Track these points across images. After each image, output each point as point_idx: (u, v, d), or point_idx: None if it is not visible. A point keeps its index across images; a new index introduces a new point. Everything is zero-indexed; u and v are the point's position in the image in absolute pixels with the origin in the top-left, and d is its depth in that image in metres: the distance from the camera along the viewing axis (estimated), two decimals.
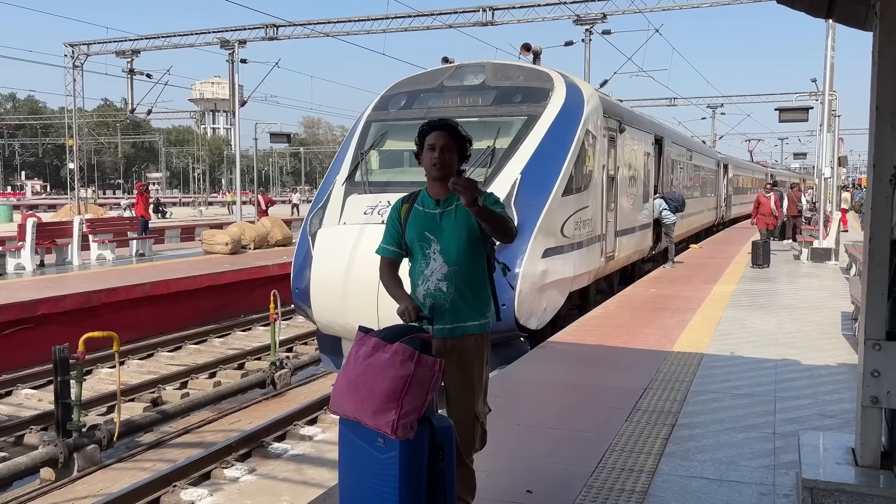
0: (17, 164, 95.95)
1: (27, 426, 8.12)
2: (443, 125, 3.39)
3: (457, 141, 3.37)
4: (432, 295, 3.34)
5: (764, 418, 5.28)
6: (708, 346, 7.61)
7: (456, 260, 3.34)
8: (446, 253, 3.35)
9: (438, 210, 3.40)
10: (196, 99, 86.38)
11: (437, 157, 3.32)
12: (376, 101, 10.40)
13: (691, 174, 20.80)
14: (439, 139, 3.34)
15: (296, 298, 8.73)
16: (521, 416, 5.39)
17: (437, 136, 3.35)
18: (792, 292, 11.62)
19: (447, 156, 3.33)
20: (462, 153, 3.41)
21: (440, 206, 3.41)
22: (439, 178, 3.37)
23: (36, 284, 13.09)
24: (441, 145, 3.33)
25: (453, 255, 3.34)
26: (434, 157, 3.33)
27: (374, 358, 2.92)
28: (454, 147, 3.36)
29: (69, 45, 30.67)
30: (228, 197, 51.44)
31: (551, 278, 8.54)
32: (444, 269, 3.34)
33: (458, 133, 3.39)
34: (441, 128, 3.37)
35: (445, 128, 3.37)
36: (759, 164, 52.53)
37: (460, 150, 3.40)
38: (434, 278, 3.35)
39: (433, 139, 3.35)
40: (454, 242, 3.35)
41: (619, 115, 11.96)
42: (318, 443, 7.84)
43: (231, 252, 18.42)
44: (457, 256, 3.34)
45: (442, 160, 3.32)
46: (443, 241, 3.36)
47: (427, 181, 3.45)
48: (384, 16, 25.05)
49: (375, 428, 2.84)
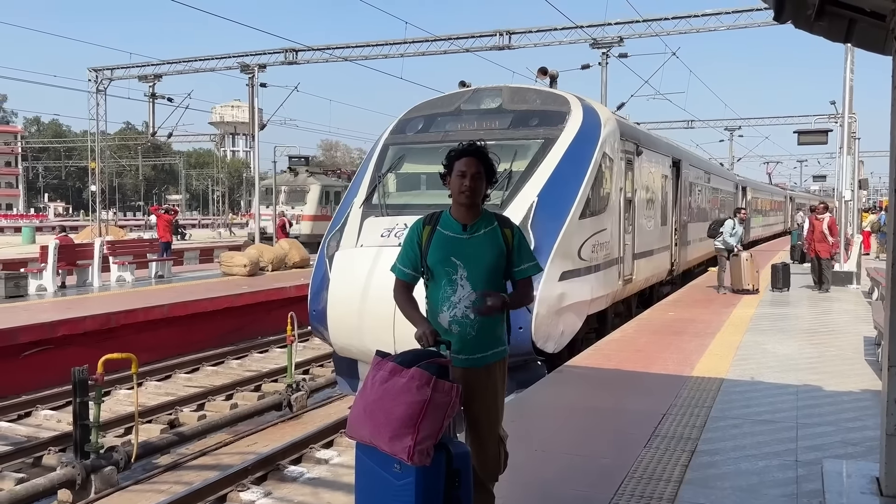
0: (40, 187, 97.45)
1: (46, 447, 8.16)
2: (474, 151, 3.37)
3: (486, 167, 3.37)
4: (459, 322, 3.30)
5: (786, 445, 5.20)
6: (727, 371, 7.51)
7: (483, 286, 3.31)
8: (473, 280, 3.31)
9: (465, 235, 3.36)
10: (216, 122, 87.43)
11: (468, 184, 3.31)
12: (394, 124, 10.47)
13: (709, 197, 20.69)
14: (470, 166, 3.32)
15: (313, 320, 8.74)
16: (538, 441, 5.35)
17: (468, 162, 3.33)
18: (813, 316, 11.48)
19: (477, 184, 3.33)
20: (490, 179, 3.40)
21: (467, 232, 3.37)
22: (467, 205, 3.36)
23: (56, 306, 13.22)
24: (472, 173, 3.32)
25: (481, 282, 3.31)
26: (465, 184, 3.31)
27: (390, 383, 2.90)
28: (483, 174, 3.35)
29: (93, 70, 31.21)
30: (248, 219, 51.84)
31: (568, 301, 8.50)
32: (472, 297, 3.30)
33: (489, 160, 3.39)
34: (472, 154, 3.35)
35: (476, 154, 3.36)
36: (777, 186, 52.19)
37: (489, 176, 3.39)
38: (462, 305, 3.31)
39: (464, 166, 3.32)
40: (482, 269, 3.32)
41: (636, 137, 11.96)
42: (334, 466, 7.80)
43: (249, 274, 18.52)
44: (484, 284, 3.31)
45: (472, 188, 3.31)
46: (470, 267, 3.32)
47: (452, 204, 3.42)
48: (402, 40, 25.30)
49: (392, 453, 2.83)
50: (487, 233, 3.36)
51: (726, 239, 14.03)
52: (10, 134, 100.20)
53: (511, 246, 3.39)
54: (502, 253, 3.35)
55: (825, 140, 23.13)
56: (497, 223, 3.42)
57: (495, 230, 3.39)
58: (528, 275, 3.43)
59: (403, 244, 3.48)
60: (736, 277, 13.99)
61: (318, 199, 31.39)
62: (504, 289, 3.42)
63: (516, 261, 3.40)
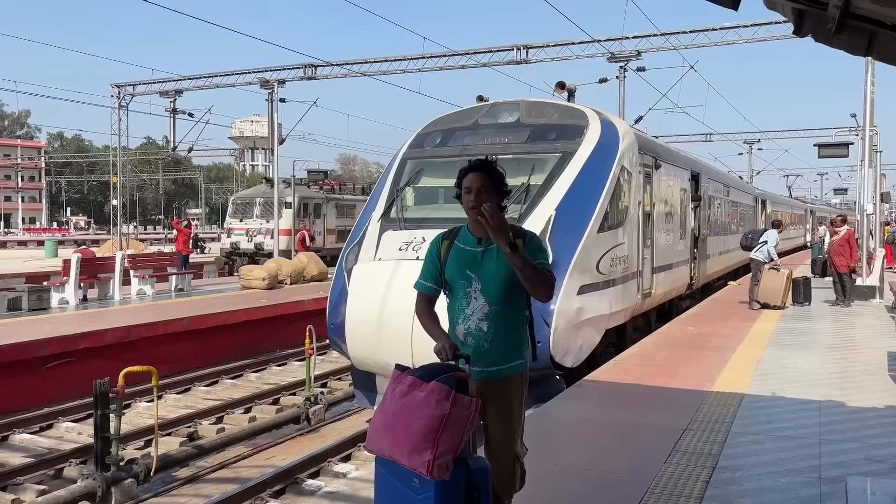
0: (63, 201, 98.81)
1: (67, 459, 8.23)
2: (477, 166, 3.39)
3: (493, 180, 3.37)
4: (473, 334, 3.31)
5: (808, 462, 5.13)
6: (748, 386, 7.44)
7: (496, 300, 3.31)
8: (487, 292, 3.32)
9: (480, 248, 3.38)
10: (236, 137, 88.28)
11: (473, 199, 3.32)
12: (412, 138, 10.52)
13: (729, 210, 20.57)
14: (475, 181, 3.34)
15: (331, 334, 8.77)
16: (557, 457, 5.32)
17: (473, 178, 3.35)
18: (835, 331, 11.35)
19: (483, 197, 3.33)
20: (500, 192, 3.40)
21: (482, 245, 3.39)
22: (476, 220, 3.36)
23: (78, 319, 13.36)
24: (476, 187, 3.33)
25: (494, 294, 3.31)
26: (470, 199, 3.33)
27: (409, 397, 2.91)
28: (490, 187, 3.35)
29: (116, 86, 31.69)
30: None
31: (587, 315, 8.47)
32: (485, 309, 3.31)
33: (495, 172, 3.39)
34: (476, 169, 3.37)
35: (480, 168, 3.38)
36: (797, 199, 51.76)
37: (498, 189, 3.38)
38: (475, 318, 3.32)
39: (469, 182, 3.36)
40: (495, 282, 3.32)
41: (654, 151, 11.93)
42: (352, 480, 7.77)
43: (268, 287, 18.62)
44: (497, 296, 3.31)
45: (478, 202, 3.31)
46: (483, 280, 3.33)
47: (468, 220, 3.46)
48: (420, 55, 25.46)
49: (411, 468, 2.83)
50: None
51: (770, 250, 13.72)
52: (34, 149, 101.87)
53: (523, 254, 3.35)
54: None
55: (846, 153, 22.92)
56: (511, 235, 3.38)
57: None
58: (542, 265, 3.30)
59: (425, 259, 3.53)
60: (773, 293, 13.51)
61: (294, 212, 28.75)
62: (521, 303, 3.40)
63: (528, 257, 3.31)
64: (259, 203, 29.02)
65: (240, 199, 30.68)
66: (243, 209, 29.59)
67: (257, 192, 30.51)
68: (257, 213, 28.77)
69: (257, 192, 30.73)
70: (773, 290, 13.56)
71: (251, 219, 28.82)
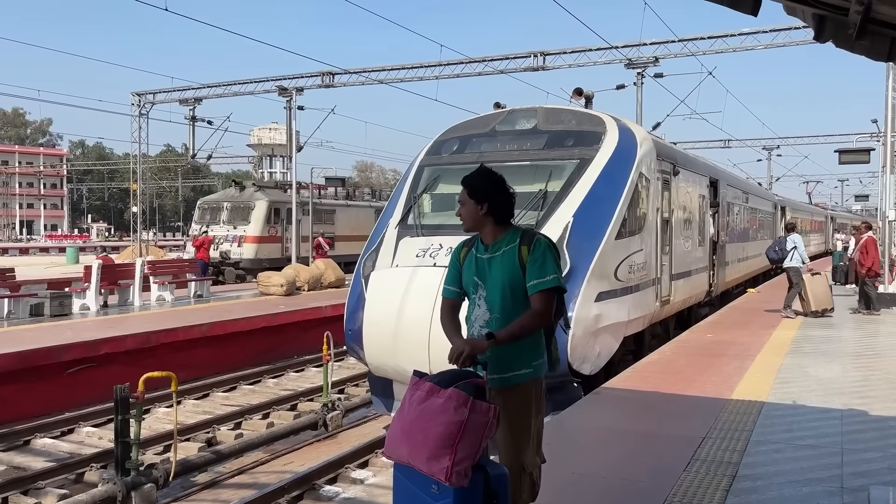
0: (84, 208, 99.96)
1: (88, 463, 8.30)
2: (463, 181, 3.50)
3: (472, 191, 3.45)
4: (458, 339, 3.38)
5: (830, 471, 5.07)
6: (768, 394, 7.37)
7: (498, 307, 3.32)
8: (490, 300, 3.37)
9: (487, 255, 3.43)
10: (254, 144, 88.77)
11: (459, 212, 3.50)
12: (429, 145, 10.55)
13: (748, 217, 20.42)
14: (461, 195, 3.50)
15: (348, 340, 8.79)
16: (575, 464, 5.29)
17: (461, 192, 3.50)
18: (856, 339, 11.21)
19: (462, 210, 3.48)
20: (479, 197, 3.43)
21: (489, 252, 3.43)
22: (466, 230, 3.53)
23: (99, 325, 13.50)
24: (460, 199, 3.50)
25: (496, 301, 3.35)
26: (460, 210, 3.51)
27: (428, 403, 2.92)
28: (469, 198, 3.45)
29: (136, 95, 32.04)
30: None
31: (605, 322, 8.43)
32: (486, 316, 3.36)
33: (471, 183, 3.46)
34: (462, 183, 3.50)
35: (463, 182, 3.50)
36: (818, 206, 51.27)
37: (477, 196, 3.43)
38: (477, 325, 3.38)
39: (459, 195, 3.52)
40: (497, 289, 3.35)
41: (672, 157, 11.88)
42: (369, 487, 7.81)
43: (286, 293, 18.73)
44: (498, 304, 3.33)
45: (461, 214, 3.50)
46: (488, 287, 3.38)
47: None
48: (437, 62, 25.54)
49: (429, 474, 2.83)
50: (507, 251, 3.37)
51: (802, 254, 13.43)
52: (56, 157, 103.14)
53: (525, 262, 3.33)
54: (516, 271, 3.31)
55: (867, 159, 22.72)
56: (518, 241, 3.38)
57: (514, 248, 3.37)
58: (538, 290, 3.27)
59: (448, 265, 3.65)
60: (824, 298, 13.29)
61: (263, 218, 26.43)
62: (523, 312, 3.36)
63: (528, 275, 3.30)
64: (226, 208, 26.96)
65: (206, 203, 28.27)
66: (210, 215, 27.33)
67: (225, 197, 28.46)
68: (224, 219, 26.59)
69: (225, 196, 28.72)
70: (822, 294, 13.36)
71: (218, 225, 26.56)
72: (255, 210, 26.49)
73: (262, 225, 26.32)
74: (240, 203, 26.89)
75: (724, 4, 3.24)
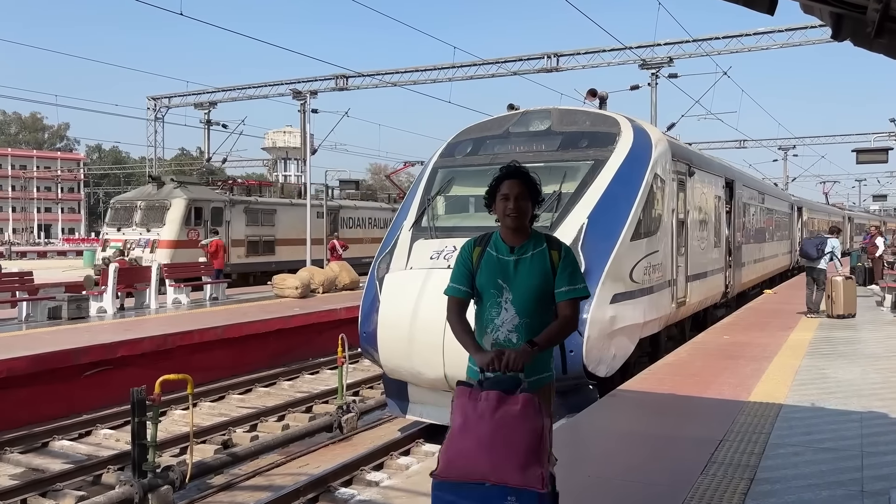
0: (101, 212, 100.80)
1: (105, 465, 8.36)
2: (515, 173, 3.34)
3: (529, 188, 3.33)
4: (501, 345, 3.24)
5: (850, 474, 5.01)
6: (786, 397, 7.30)
7: (528, 311, 3.25)
8: (518, 303, 3.26)
9: (513, 257, 3.31)
10: (269, 147, 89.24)
11: (512, 207, 3.27)
12: (443, 147, 10.55)
13: (764, 217, 20.28)
14: (513, 188, 3.28)
15: (363, 342, 8.80)
16: (591, 467, 5.26)
17: (511, 185, 3.29)
18: (876, 341, 11.09)
19: (522, 204, 3.28)
20: (535, 199, 3.36)
21: (515, 254, 3.32)
22: (513, 227, 3.32)
23: (116, 327, 13.59)
24: (515, 194, 3.27)
25: (525, 305, 3.26)
26: (509, 206, 3.28)
27: (502, 412, 2.82)
28: (527, 195, 3.31)
29: (152, 99, 32.32)
30: None
31: (620, 324, 8.39)
32: (515, 321, 3.25)
33: (532, 181, 3.35)
34: (514, 176, 3.32)
35: (518, 176, 3.32)
36: (835, 206, 50.81)
37: (533, 197, 3.34)
38: (505, 329, 3.26)
39: (507, 188, 3.29)
40: (527, 293, 3.26)
41: (688, 158, 11.81)
42: (384, 489, 7.77)
43: (301, 296, 18.78)
44: (528, 308, 3.26)
45: (517, 209, 3.27)
46: (515, 290, 3.27)
47: (500, 227, 3.40)
48: (450, 64, 25.59)
49: (523, 485, 2.76)
50: (535, 255, 3.30)
51: (837, 260, 13.45)
52: (73, 161, 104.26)
53: (556, 267, 3.31)
54: (548, 276, 3.28)
55: (885, 158, 22.50)
56: (546, 245, 3.35)
57: (543, 252, 3.32)
58: (569, 297, 3.29)
59: (456, 264, 3.43)
60: (851, 302, 13.40)
61: (181, 219, 22.74)
62: (551, 316, 3.33)
63: (558, 282, 3.30)
64: (140, 208, 23.31)
65: (119, 202, 24.62)
66: (123, 216, 23.72)
67: (140, 195, 24.62)
68: (137, 221, 23.07)
69: (140, 194, 24.86)
70: (850, 299, 13.42)
71: (130, 227, 23.09)
72: (170, 210, 22.74)
73: (179, 227, 22.60)
74: (155, 202, 23.23)
75: (739, 4, 3.21)
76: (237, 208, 24.78)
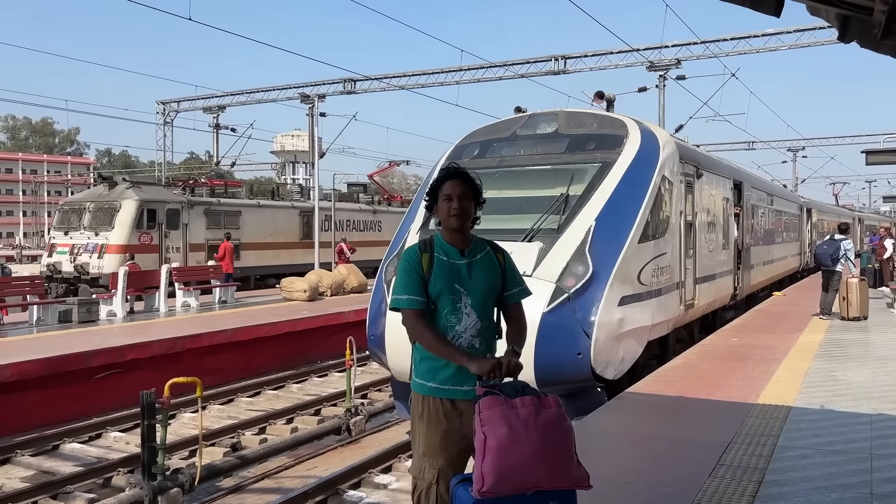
0: None
1: (115, 468, 8.41)
2: (457, 174, 3.31)
3: (472, 188, 3.30)
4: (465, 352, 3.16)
5: (859, 477, 4.99)
6: (795, 399, 7.27)
7: (486, 314, 3.26)
8: (478, 307, 3.22)
9: (465, 261, 3.28)
10: (277, 151, 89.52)
11: (456, 206, 3.24)
12: (450, 150, 10.56)
13: (773, 219, 20.20)
14: (455, 188, 3.25)
15: (371, 345, 8.82)
16: (599, 470, 5.25)
17: (453, 185, 3.26)
18: (886, 343, 11.03)
19: (465, 204, 3.26)
20: (477, 200, 3.33)
21: (466, 257, 3.29)
22: (457, 228, 3.28)
23: (126, 331, 13.67)
24: (458, 194, 3.24)
25: (484, 308, 3.25)
26: (453, 206, 3.24)
27: (543, 417, 2.82)
28: (470, 195, 3.28)
29: (161, 103, 32.47)
30: None
31: (628, 327, 8.38)
32: (477, 325, 3.21)
33: (473, 181, 3.33)
34: (456, 176, 3.30)
35: (460, 176, 3.30)
36: (845, 207, 50.56)
37: (475, 198, 3.32)
38: (468, 334, 3.20)
39: (449, 188, 3.26)
40: (484, 296, 3.25)
41: (695, 160, 11.78)
42: (392, 491, 7.81)
43: (309, 299, 18.84)
44: (486, 310, 3.27)
45: (461, 209, 3.24)
46: (473, 294, 3.23)
47: (443, 230, 3.34)
48: (458, 67, 25.62)
49: (573, 486, 2.83)
50: (484, 257, 3.31)
51: (851, 262, 13.36)
52: (84, 165, 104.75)
53: (504, 270, 3.34)
54: (499, 277, 3.30)
55: (895, 160, 22.32)
56: (489, 248, 3.38)
57: (490, 255, 3.35)
58: (520, 298, 3.36)
59: (403, 273, 3.27)
60: (864, 305, 13.33)
61: (132, 222, 20.91)
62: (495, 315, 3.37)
63: (509, 284, 3.33)
64: (89, 210, 21.49)
65: (68, 204, 22.80)
66: (71, 218, 21.89)
67: (89, 196, 22.87)
68: (85, 224, 21.24)
69: (89, 195, 23.10)
70: (864, 301, 13.36)
71: (78, 231, 21.24)
72: (120, 212, 20.95)
73: (130, 231, 20.82)
74: (104, 204, 21.44)
75: (746, 6, 3.21)
76: (196, 210, 23.00)
